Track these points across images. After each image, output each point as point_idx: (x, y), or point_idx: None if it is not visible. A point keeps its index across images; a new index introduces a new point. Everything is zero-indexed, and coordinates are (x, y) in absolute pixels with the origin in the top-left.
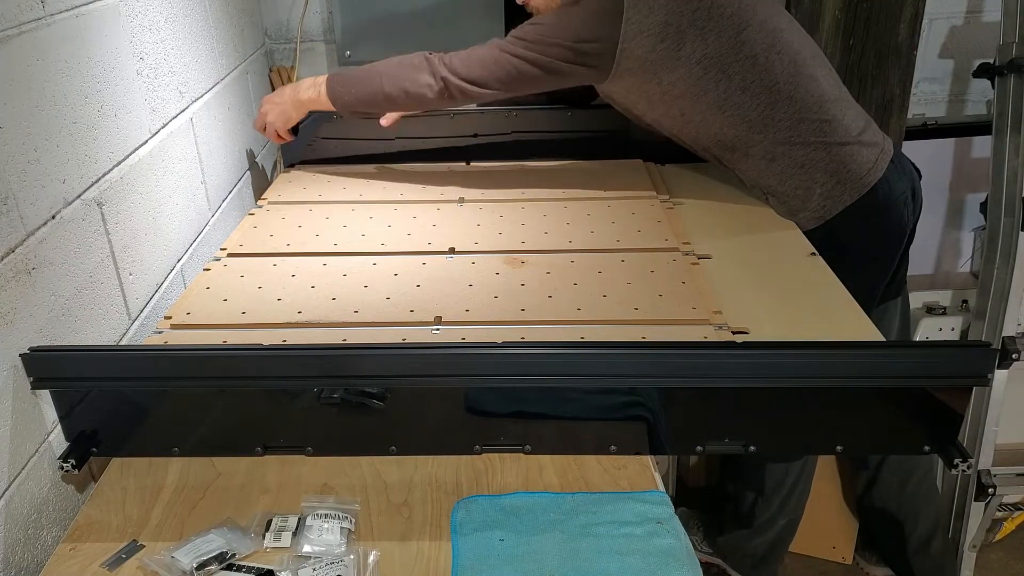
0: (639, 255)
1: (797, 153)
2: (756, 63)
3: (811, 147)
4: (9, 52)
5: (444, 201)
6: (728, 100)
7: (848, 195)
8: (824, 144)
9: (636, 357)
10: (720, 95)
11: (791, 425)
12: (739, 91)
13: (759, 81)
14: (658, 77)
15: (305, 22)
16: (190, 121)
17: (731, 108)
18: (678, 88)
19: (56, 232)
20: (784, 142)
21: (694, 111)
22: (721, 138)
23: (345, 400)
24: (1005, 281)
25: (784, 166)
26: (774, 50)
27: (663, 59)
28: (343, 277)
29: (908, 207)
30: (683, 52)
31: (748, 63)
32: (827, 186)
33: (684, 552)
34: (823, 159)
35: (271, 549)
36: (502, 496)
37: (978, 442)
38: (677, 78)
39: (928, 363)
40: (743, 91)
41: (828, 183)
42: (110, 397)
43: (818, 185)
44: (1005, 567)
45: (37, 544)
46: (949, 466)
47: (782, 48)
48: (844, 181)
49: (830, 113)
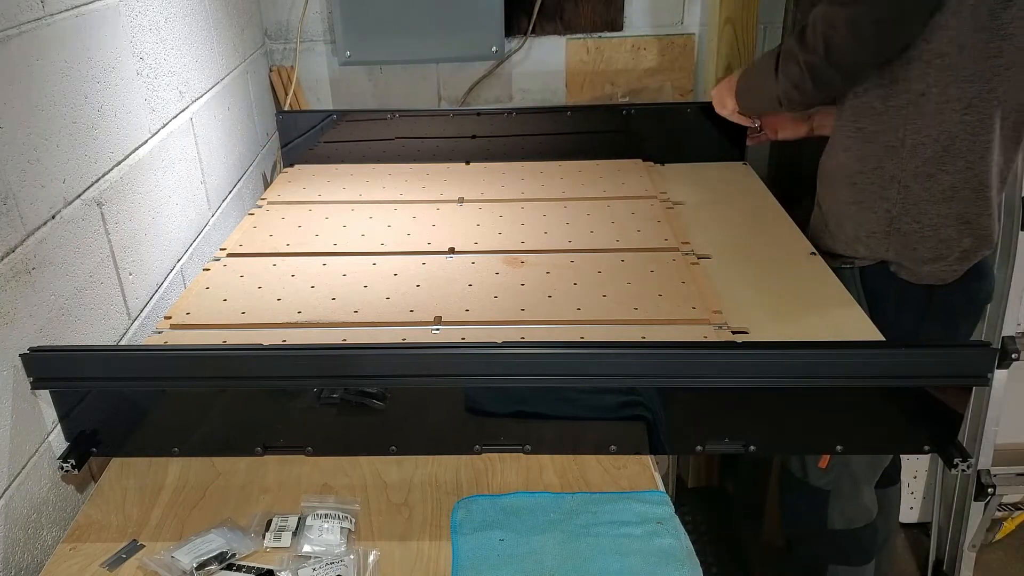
0: (639, 255)
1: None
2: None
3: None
4: (9, 52)
5: (444, 201)
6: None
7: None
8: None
9: (636, 357)
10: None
11: (791, 425)
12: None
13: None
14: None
15: (305, 22)
16: (190, 121)
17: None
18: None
19: (56, 232)
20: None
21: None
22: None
23: (345, 400)
24: (1005, 281)
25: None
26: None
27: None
28: (343, 277)
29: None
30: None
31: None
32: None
33: (684, 552)
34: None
35: (271, 549)
36: (502, 496)
37: (978, 442)
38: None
39: (928, 363)
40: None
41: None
42: (110, 397)
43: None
44: (1005, 567)
45: (37, 544)
46: (949, 466)
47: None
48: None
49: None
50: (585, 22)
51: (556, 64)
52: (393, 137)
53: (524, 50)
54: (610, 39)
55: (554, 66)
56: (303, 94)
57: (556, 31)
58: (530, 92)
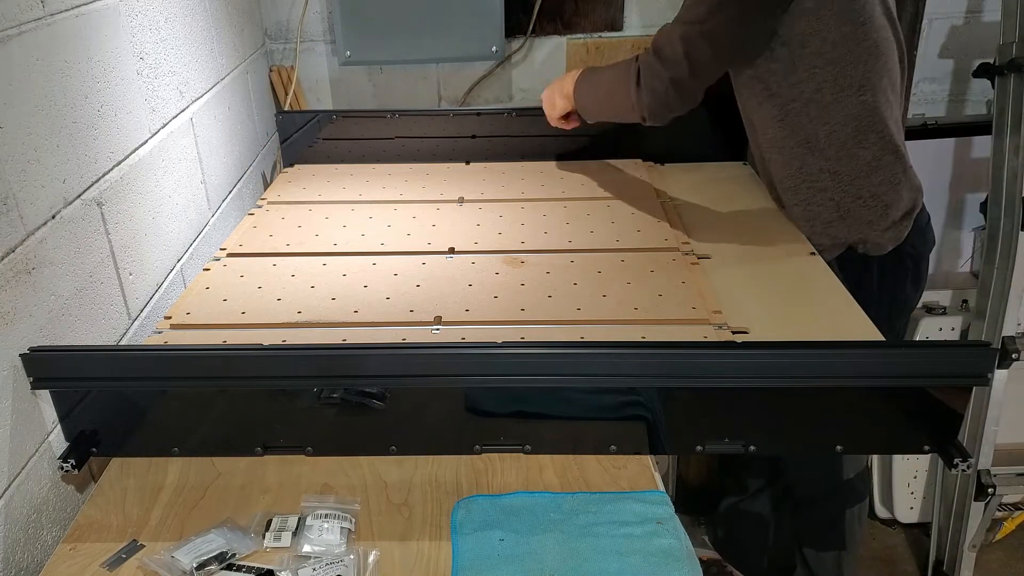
0: (639, 255)
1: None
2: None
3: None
4: (9, 52)
5: (444, 201)
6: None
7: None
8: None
9: (636, 357)
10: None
11: (791, 425)
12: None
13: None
14: (818, 34)
15: (305, 22)
16: (190, 121)
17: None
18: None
19: (56, 232)
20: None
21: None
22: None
23: (345, 400)
24: (1005, 281)
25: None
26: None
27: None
28: (343, 277)
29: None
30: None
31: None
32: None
33: (684, 552)
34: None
35: (271, 549)
36: (502, 496)
37: (978, 442)
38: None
39: (928, 363)
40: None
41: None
42: (110, 397)
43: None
44: (1005, 567)
45: (37, 544)
46: (949, 466)
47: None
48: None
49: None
50: (585, 22)
51: (556, 64)
52: (393, 137)
53: (524, 50)
54: (610, 39)
55: (554, 66)
56: (303, 94)
57: (556, 31)
58: (530, 92)
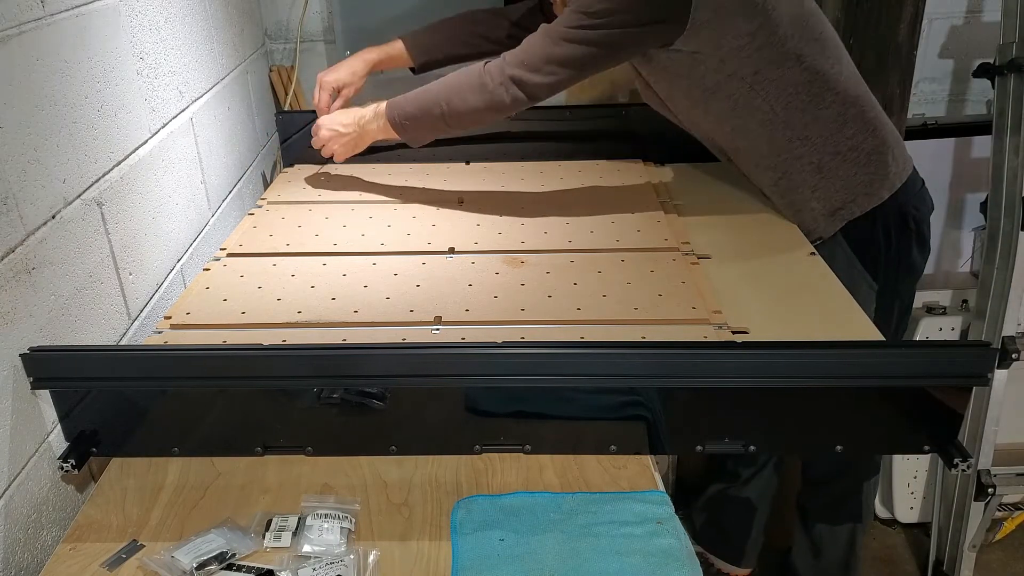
0: (639, 255)
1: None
2: (826, 43)
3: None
4: (9, 52)
5: (444, 201)
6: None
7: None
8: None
9: (636, 357)
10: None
11: (791, 425)
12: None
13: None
14: (729, 33)
15: (305, 22)
16: (190, 121)
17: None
18: (742, 54)
19: (56, 232)
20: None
21: (754, 86)
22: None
23: (345, 400)
24: (1005, 281)
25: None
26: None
27: (741, 5)
28: (343, 277)
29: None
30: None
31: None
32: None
33: (684, 552)
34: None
35: (271, 549)
36: (502, 496)
37: (978, 442)
38: (748, 36)
39: (928, 363)
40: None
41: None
42: (110, 397)
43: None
44: (1005, 567)
45: (37, 544)
46: (949, 466)
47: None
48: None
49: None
50: None
51: None
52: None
53: None
54: None
55: None
56: (303, 94)
57: None
58: None
